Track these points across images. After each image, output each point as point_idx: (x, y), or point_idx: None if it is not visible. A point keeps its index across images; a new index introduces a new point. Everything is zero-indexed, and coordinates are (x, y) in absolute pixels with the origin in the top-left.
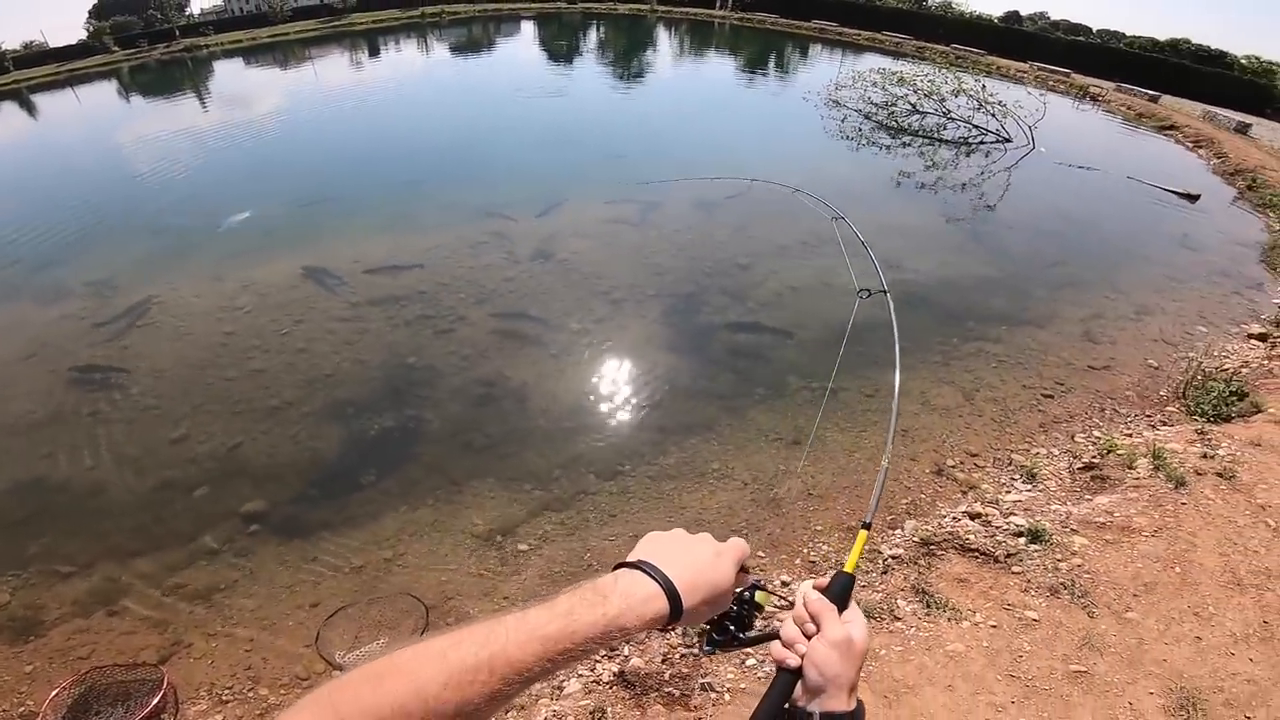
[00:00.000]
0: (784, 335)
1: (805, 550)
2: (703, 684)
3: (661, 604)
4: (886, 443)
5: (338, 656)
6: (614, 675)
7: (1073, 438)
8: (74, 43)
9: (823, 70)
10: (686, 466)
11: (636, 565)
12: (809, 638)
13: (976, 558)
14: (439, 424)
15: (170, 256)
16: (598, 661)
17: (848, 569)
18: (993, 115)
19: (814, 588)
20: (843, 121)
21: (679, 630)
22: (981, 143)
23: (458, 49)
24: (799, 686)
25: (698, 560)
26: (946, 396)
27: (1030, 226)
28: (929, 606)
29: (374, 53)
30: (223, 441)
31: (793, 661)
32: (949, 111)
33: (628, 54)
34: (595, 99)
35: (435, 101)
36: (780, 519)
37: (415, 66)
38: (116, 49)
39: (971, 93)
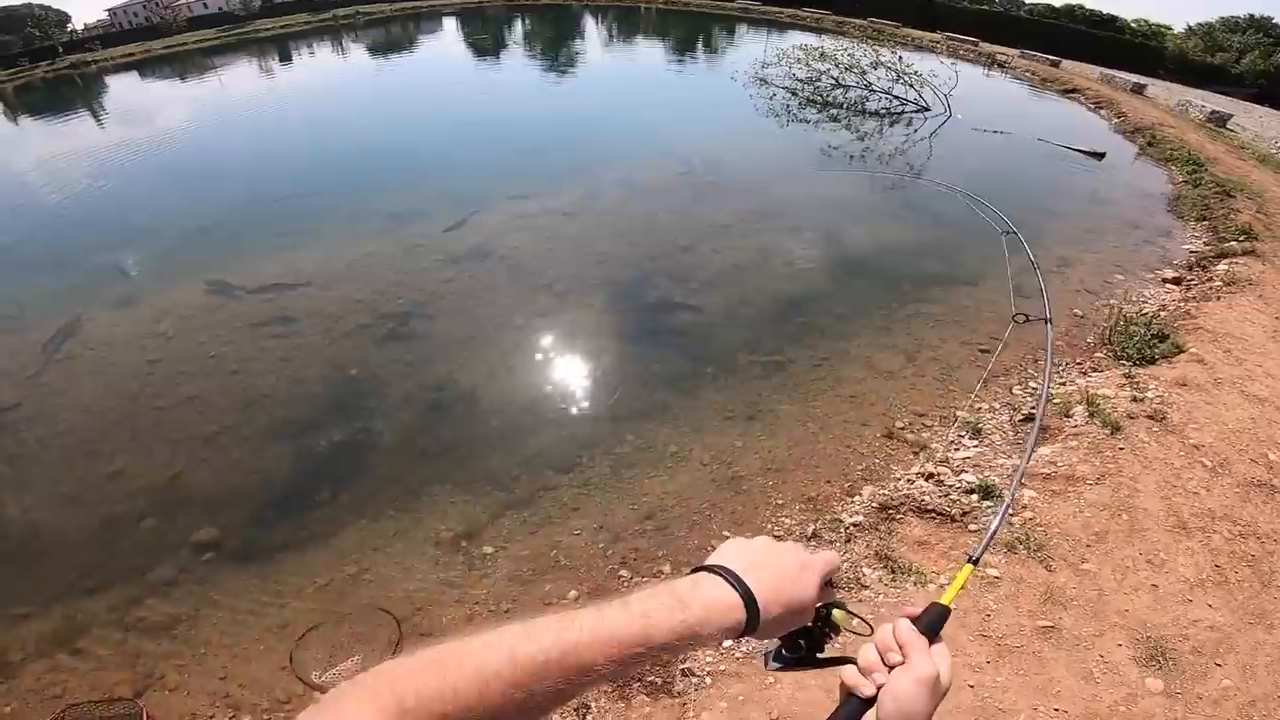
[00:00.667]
0: (728, 312)
1: (768, 526)
2: (683, 669)
3: (740, 614)
4: (1016, 476)
5: (314, 676)
6: None
7: (1011, 390)
8: None
9: (749, 50)
10: (644, 452)
11: (716, 570)
12: (890, 667)
13: (934, 519)
14: (390, 434)
15: (77, 285)
16: None
17: (944, 601)
18: (910, 85)
19: (905, 617)
20: (771, 99)
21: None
22: (902, 112)
23: (376, 50)
24: (868, 717)
25: (782, 570)
26: (890, 360)
27: (953, 189)
28: (893, 572)
29: (285, 58)
30: (162, 472)
31: (868, 691)
32: (870, 84)
33: (555, 45)
34: (525, 93)
35: (360, 106)
36: (742, 496)
37: (332, 71)
38: None
39: (889, 65)
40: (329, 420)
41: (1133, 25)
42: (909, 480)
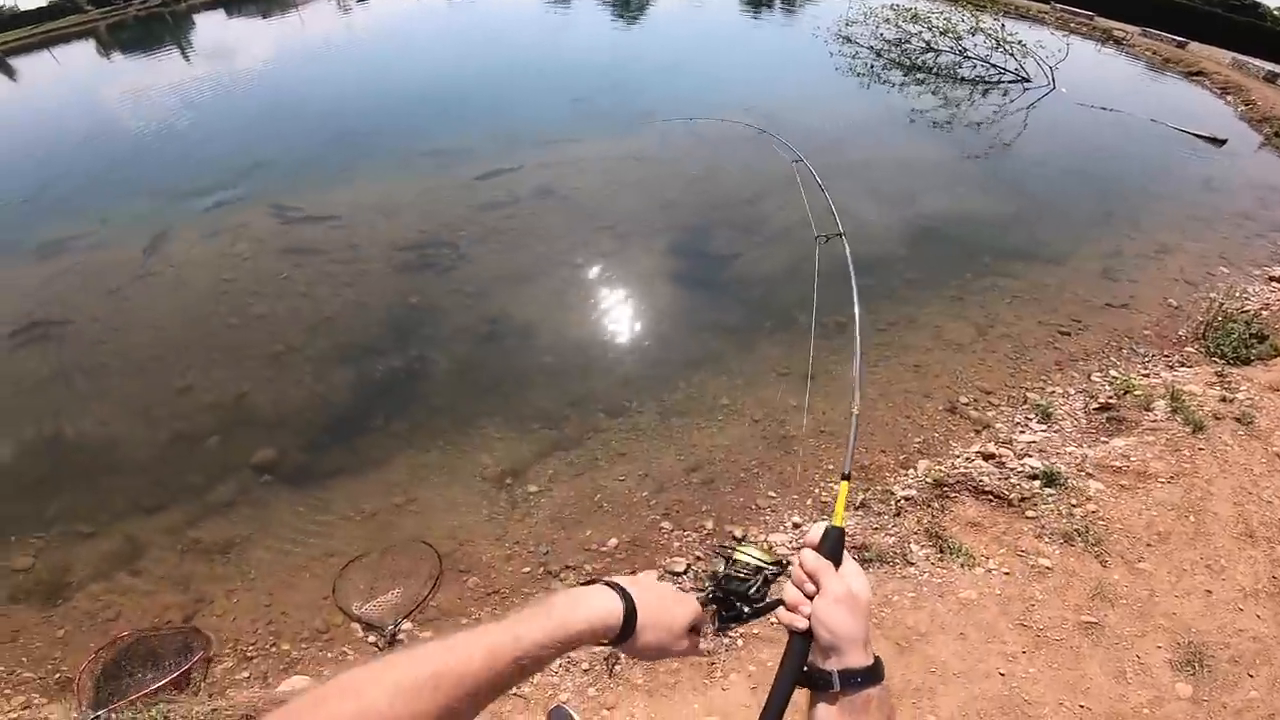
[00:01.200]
0: (791, 267)
1: (817, 491)
2: (715, 629)
3: (616, 611)
4: (854, 390)
5: (355, 608)
6: None
7: (1089, 377)
8: (46, 4)
9: (832, 5)
10: (695, 402)
11: (608, 582)
12: (811, 598)
13: (990, 501)
14: (445, 364)
15: (160, 210)
16: None
17: (835, 523)
18: (1011, 55)
19: (807, 546)
20: (853, 58)
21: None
22: (999, 82)
23: None
24: (813, 649)
25: (662, 596)
26: (960, 331)
27: (1049, 164)
28: (942, 551)
29: None
30: (229, 390)
31: (800, 624)
32: (965, 50)
33: None
34: (594, 37)
35: (430, 45)
36: (791, 458)
37: (404, 10)
38: (91, 8)
39: (990, 31)
40: (388, 346)
41: (1275, 12)
42: (968, 459)
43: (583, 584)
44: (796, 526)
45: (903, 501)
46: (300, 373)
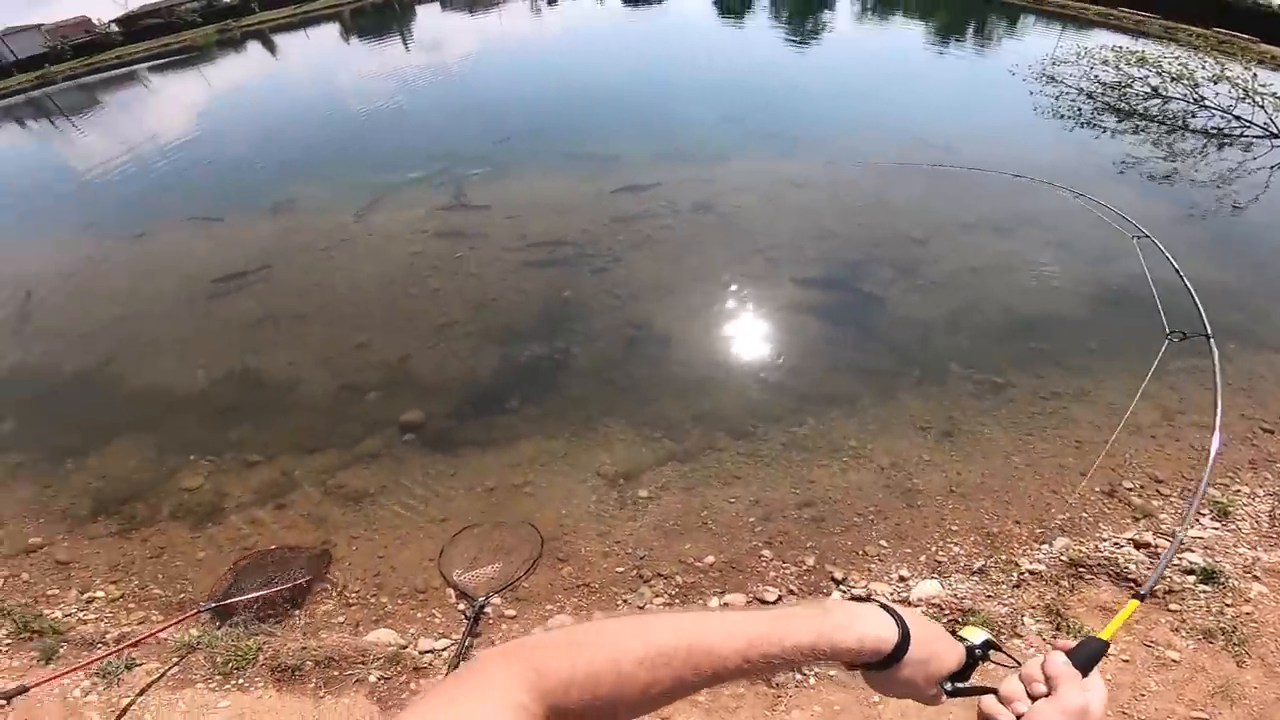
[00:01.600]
0: (951, 318)
1: (933, 549)
2: None
3: (890, 638)
4: (1189, 509)
5: (455, 575)
6: None
7: None
8: None
9: (1035, 44)
10: (821, 439)
11: (883, 605)
12: (1034, 698)
13: (1130, 587)
14: (585, 359)
15: (369, 182)
16: None
17: (1103, 635)
18: (1260, 107)
19: (1059, 650)
20: (1057, 99)
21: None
22: (1240, 135)
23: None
24: None
25: (938, 634)
26: (1141, 413)
27: None
28: (1058, 629)
29: (552, 0)
30: (396, 352)
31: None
32: (1202, 99)
33: (802, 12)
34: (766, 56)
35: (606, 52)
36: (913, 511)
37: (589, 15)
38: None
39: (1237, 81)
40: (537, 334)
41: None
42: (1116, 544)
43: (851, 599)
44: (902, 580)
45: (1027, 574)
46: (458, 346)
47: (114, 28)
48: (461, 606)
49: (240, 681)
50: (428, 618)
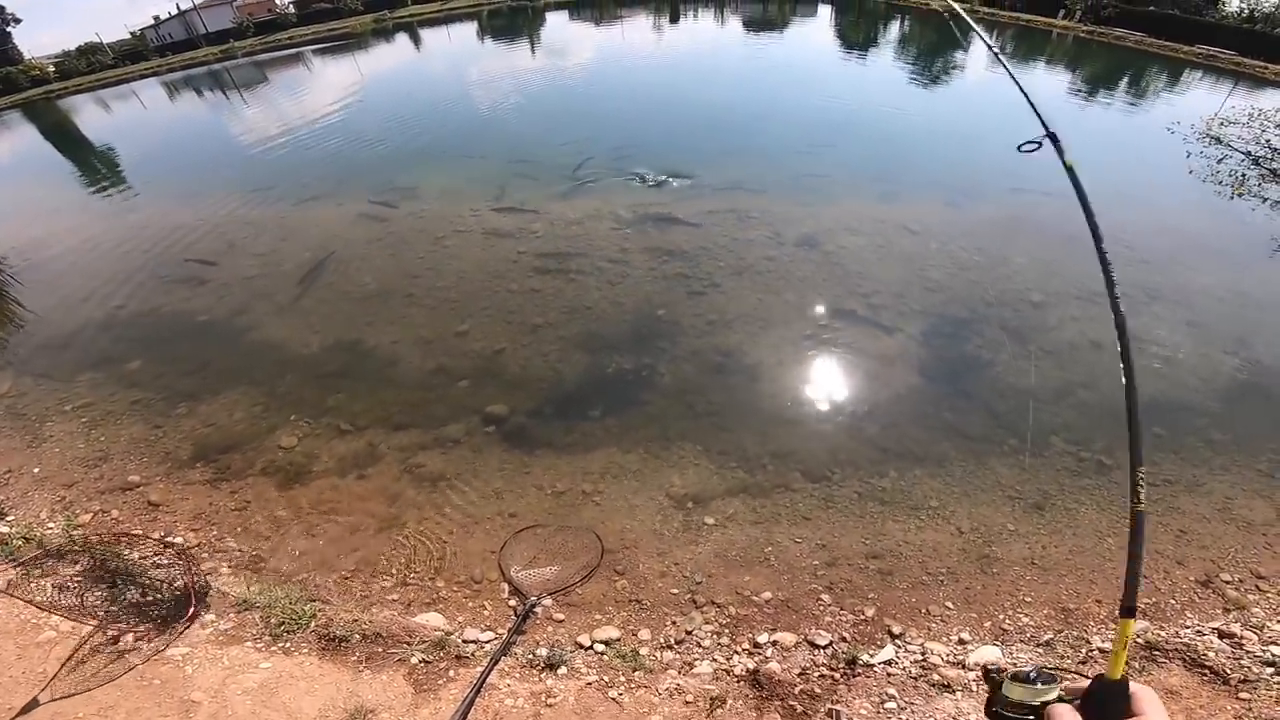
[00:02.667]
0: (1063, 389)
1: (1000, 616)
2: (830, 709)
3: None
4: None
5: (512, 570)
6: (747, 671)
7: None
8: None
9: (1197, 101)
10: (901, 495)
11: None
12: None
13: (1204, 675)
14: (670, 379)
15: (485, 176)
16: (736, 653)
17: (1110, 675)
18: None
19: (1064, 702)
20: (1219, 161)
21: None
22: None
23: (751, 24)
24: None
25: None
26: (1256, 510)
27: None
28: None
29: (674, 19)
30: (492, 343)
31: None
32: None
33: (931, 53)
34: (887, 94)
35: (728, 75)
36: (986, 577)
37: (708, 37)
38: None
39: None
40: (626, 347)
41: None
42: (1199, 632)
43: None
44: (962, 642)
45: (1096, 651)
46: (549, 347)
47: (291, 9)
48: (513, 603)
49: (287, 645)
50: (478, 608)
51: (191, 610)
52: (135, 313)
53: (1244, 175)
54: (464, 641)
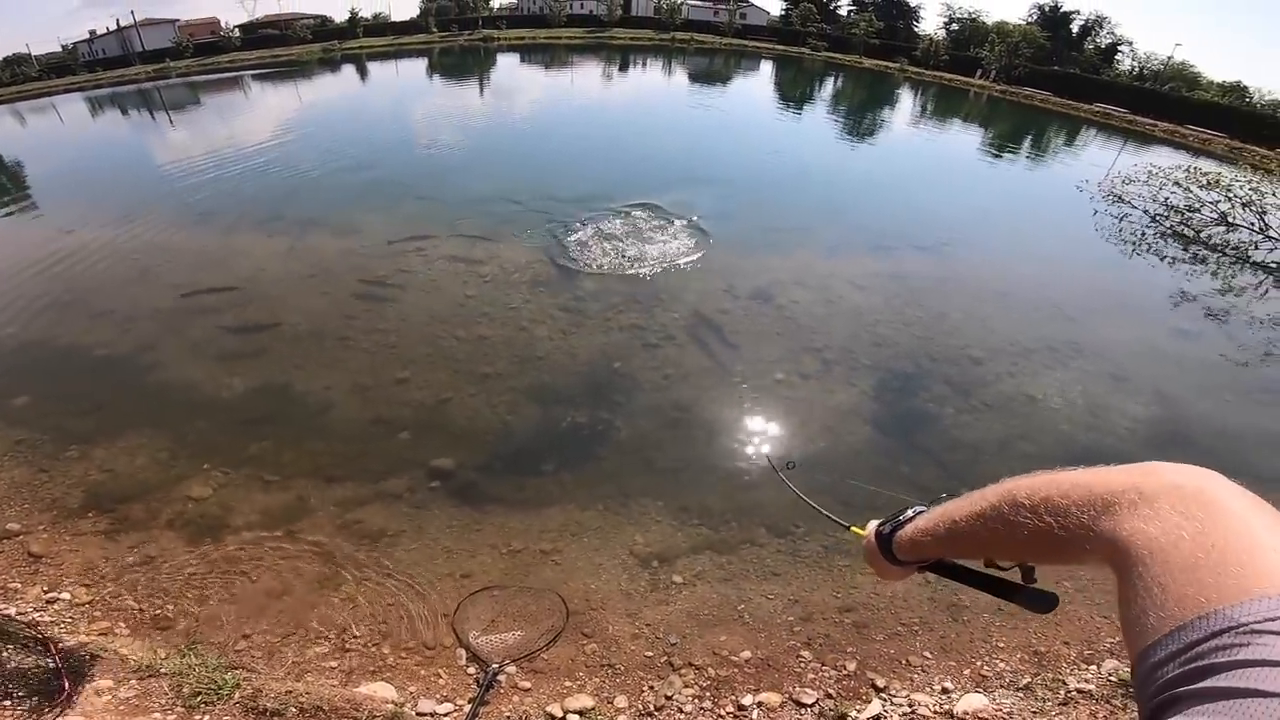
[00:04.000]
0: (1005, 442)
1: (978, 663)
2: None
3: None
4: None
5: (470, 636)
6: None
7: None
8: (407, 19)
9: (1095, 158)
10: None
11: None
12: None
13: None
14: (627, 434)
15: (426, 216)
16: (720, 718)
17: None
18: None
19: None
20: (1121, 220)
21: None
22: None
23: (696, 78)
24: None
25: None
26: None
27: None
28: None
29: (623, 68)
30: (436, 393)
31: None
32: (1269, 228)
33: (861, 109)
34: (821, 149)
35: (672, 127)
36: (958, 625)
37: (656, 89)
38: (435, 30)
39: None
40: (580, 400)
41: None
42: None
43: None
44: (945, 692)
45: (1074, 692)
46: (498, 398)
47: (236, 32)
48: (472, 670)
49: (205, 718)
50: (432, 677)
51: (65, 694)
52: (26, 342)
53: (1143, 233)
54: (419, 715)
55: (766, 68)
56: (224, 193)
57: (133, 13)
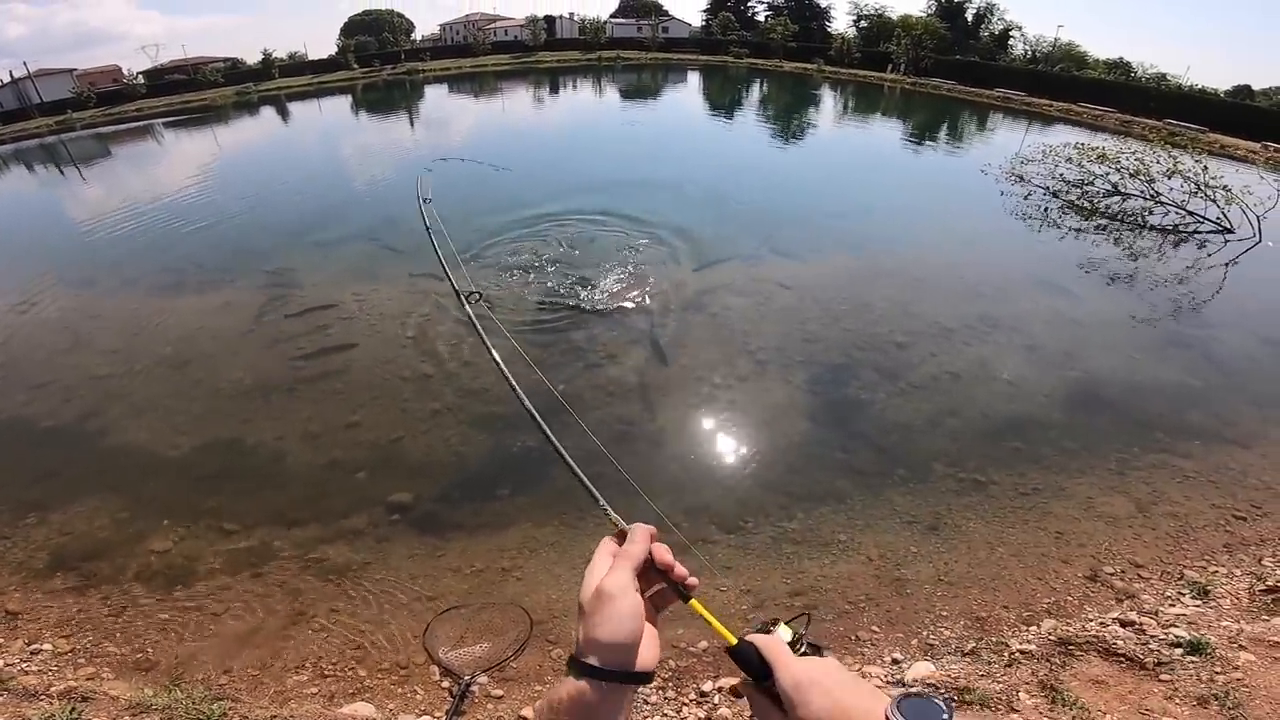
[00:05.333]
0: (933, 419)
1: (924, 633)
2: None
3: None
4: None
5: (440, 652)
6: None
7: (1260, 560)
8: (325, 57)
9: (1003, 141)
10: (811, 533)
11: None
12: None
13: (1121, 662)
14: (575, 452)
15: (360, 259)
16: (684, 704)
17: (730, 642)
18: (1212, 201)
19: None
20: (1025, 199)
21: None
22: (1195, 232)
23: (628, 94)
24: None
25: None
26: (1116, 505)
27: (1247, 332)
28: (1054, 702)
29: (554, 90)
30: (387, 433)
31: None
32: (1158, 194)
33: (788, 111)
34: (751, 154)
35: (606, 143)
36: (903, 599)
37: (588, 107)
38: (356, 66)
39: (1189, 174)
40: (529, 425)
41: None
42: (1103, 624)
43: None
44: (896, 662)
45: (1018, 654)
46: (449, 432)
47: (141, 79)
48: (446, 684)
49: None
50: (409, 693)
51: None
52: None
53: (1045, 209)
54: None
55: (694, 78)
56: (148, 247)
57: (25, 64)
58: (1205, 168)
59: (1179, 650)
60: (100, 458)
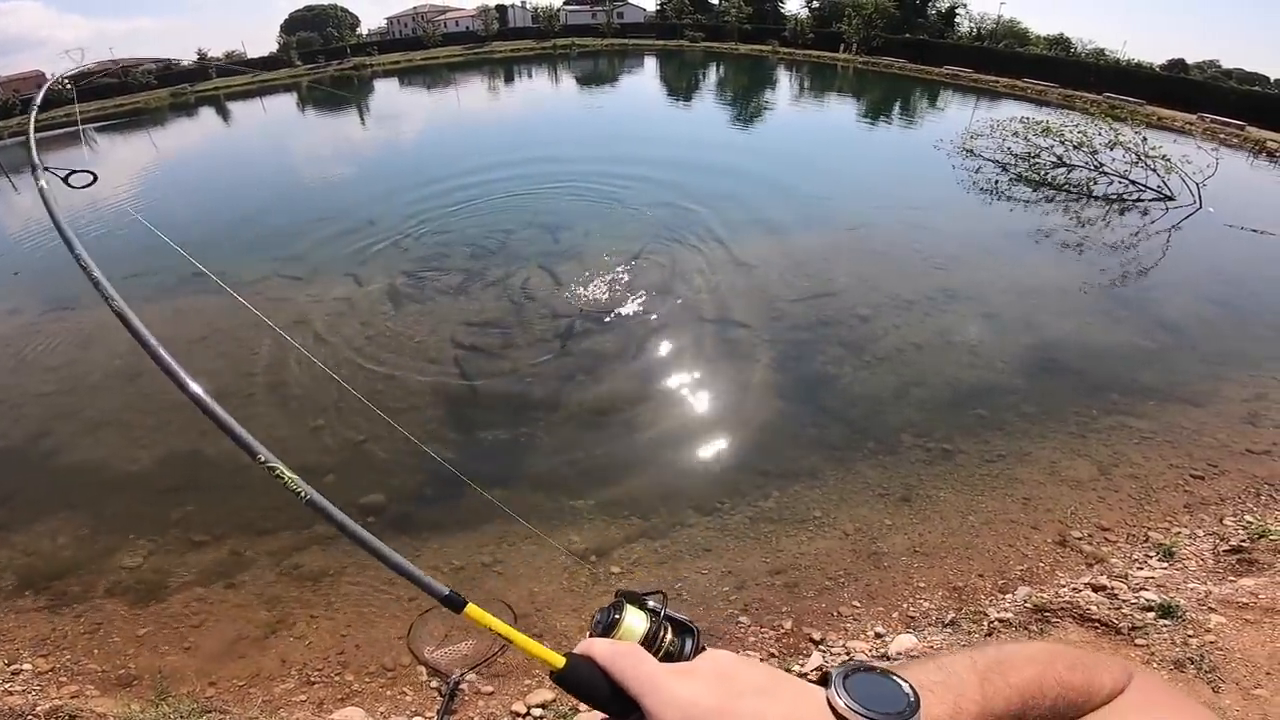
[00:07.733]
0: (899, 390)
1: (904, 605)
2: None
3: None
4: None
5: (426, 652)
6: None
7: (1221, 520)
8: (266, 55)
9: (953, 117)
10: (787, 511)
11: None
12: None
13: (1096, 628)
14: (550, 442)
15: (316, 256)
16: None
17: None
18: (1153, 170)
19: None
20: (976, 172)
21: None
22: (1138, 200)
23: (585, 80)
24: None
25: None
26: (1079, 469)
27: (1192, 294)
28: None
29: (509, 79)
30: (353, 436)
31: None
32: (1101, 165)
33: (745, 93)
34: (711, 137)
35: (567, 130)
36: (881, 572)
37: (544, 96)
38: (299, 63)
39: (1130, 145)
40: (499, 420)
41: None
42: (1075, 589)
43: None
44: (878, 636)
45: (996, 622)
46: (417, 430)
47: (68, 84)
48: (435, 684)
49: None
50: (398, 695)
51: None
52: None
53: (996, 182)
54: None
55: (651, 63)
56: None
57: None
58: (1145, 139)
59: (1151, 614)
60: (57, 476)
